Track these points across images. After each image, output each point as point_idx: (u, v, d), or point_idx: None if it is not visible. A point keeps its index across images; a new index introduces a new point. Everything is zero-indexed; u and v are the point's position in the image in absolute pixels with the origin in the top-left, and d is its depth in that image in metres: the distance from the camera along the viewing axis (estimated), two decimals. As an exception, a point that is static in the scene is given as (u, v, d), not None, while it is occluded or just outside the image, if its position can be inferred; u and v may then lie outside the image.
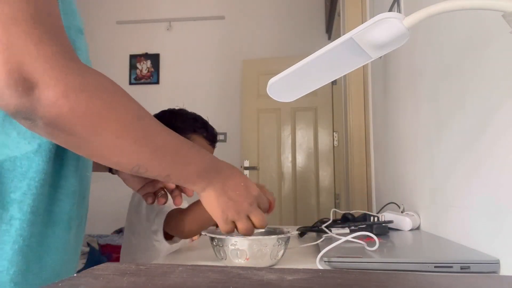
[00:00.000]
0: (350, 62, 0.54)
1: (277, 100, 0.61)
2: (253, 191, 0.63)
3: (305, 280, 0.36)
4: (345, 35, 0.50)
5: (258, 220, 0.63)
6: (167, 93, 3.78)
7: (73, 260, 0.60)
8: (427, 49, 0.98)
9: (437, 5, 0.46)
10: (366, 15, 2.03)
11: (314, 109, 3.49)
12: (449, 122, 0.82)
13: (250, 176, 3.44)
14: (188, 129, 1.20)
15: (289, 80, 0.57)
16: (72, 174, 0.56)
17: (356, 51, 0.52)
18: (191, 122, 1.22)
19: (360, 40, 0.50)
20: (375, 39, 0.50)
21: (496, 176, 0.61)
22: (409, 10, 1.17)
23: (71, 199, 0.56)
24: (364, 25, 0.48)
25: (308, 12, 3.72)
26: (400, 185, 1.28)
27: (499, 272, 0.57)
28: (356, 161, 2.12)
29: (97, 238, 3.05)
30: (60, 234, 0.55)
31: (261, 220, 0.63)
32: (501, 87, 0.60)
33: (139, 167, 0.50)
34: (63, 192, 0.55)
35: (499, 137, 0.60)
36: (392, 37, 0.49)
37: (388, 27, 0.48)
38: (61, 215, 0.55)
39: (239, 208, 0.61)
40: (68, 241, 0.57)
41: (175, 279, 0.36)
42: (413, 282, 0.37)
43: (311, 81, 0.58)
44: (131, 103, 0.48)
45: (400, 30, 0.48)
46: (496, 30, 0.61)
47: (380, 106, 1.71)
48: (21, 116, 0.41)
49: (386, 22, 0.47)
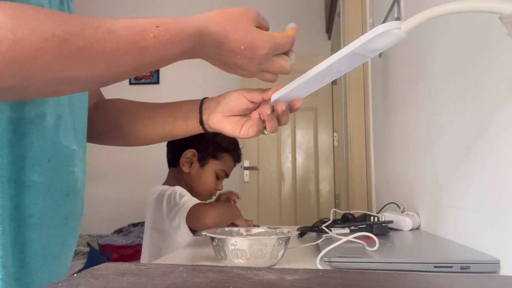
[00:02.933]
0: (348, 65, 0.56)
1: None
2: (260, 50, 0.53)
3: (305, 280, 0.36)
4: (344, 49, 0.52)
5: (278, 70, 0.56)
6: (167, 93, 3.78)
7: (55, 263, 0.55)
8: (427, 49, 0.98)
9: (434, 8, 0.46)
10: (366, 15, 2.03)
11: (314, 109, 3.50)
12: (449, 122, 0.82)
13: (250, 176, 3.44)
14: (223, 147, 1.31)
15: (289, 93, 0.60)
16: (40, 167, 0.51)
17: (354, 56, 0.53)
18: (228, 140, 1.32)
19: (359, 50, 0.51)
20: (373, 47, 0.51)
21: (496, 176, 0.61)
22: (409, 10, 1.17)
23: (46, 196, 0.52)
24: (363, 38, 0.49)
25: (308, 12, 3.72)
26: (400, 185, 1.28)
27: (499, 272, 0.57)
28: (356, 161, 2.12)
29: (97, 238, 3.05)
30: (36, 236, 0.51)
31: (280, 69, 0.56)
32: (501, 88, 0.60)
33: (107, 82, 0.46)
34: (29, 188, 0.50)
35: (500, 137, 0.60)
36: (391, 44, 0.50)
37: (387, 37, 0.48)
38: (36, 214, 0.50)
39: (248, 71, 0.55)
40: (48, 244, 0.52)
41: (175, 279, 0.36)
42: (413, 282, 0.37)
43: (309, 88, 0.61)
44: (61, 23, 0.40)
45: (398, 38, 0.48)
46: (496, 31, 0.61)
47: (380, 106, 1.71)
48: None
49: (386, 33, 0.48)
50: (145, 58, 0.46)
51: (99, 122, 0.70)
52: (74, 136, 0.58)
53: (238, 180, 3.42)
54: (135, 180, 3.62)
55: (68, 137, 0.56)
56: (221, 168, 1.31)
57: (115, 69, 0.45)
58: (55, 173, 0.53)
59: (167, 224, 1.16)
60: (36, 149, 0.51)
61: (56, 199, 0.54)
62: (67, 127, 0.56)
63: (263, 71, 0.57)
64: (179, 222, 1.12)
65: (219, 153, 1.31)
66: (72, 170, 0.57)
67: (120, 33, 0.43)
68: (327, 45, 3.64)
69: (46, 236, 0.53)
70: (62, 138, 0.55)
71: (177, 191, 1.19)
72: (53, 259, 0.54)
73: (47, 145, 0.52)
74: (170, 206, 1.16)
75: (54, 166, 0.53)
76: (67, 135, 0.56)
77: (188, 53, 0.51)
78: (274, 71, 0.57)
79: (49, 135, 0.53)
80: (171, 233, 1.15)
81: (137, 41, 0.44)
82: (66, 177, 0.56)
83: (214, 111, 0.66)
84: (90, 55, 0.42)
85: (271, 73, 0.58)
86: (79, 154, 0.59)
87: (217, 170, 1.30)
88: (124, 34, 0.43)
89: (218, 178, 1.32)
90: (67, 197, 0.56)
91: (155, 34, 0.46)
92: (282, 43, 0.55)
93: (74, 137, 0.58)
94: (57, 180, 0.54)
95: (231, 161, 1.33)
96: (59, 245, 0.55)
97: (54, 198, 0.53)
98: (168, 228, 1.16)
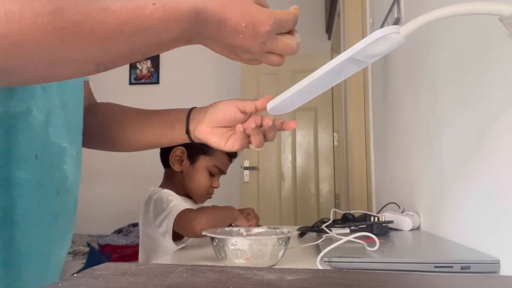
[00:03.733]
0: (346, 71, 0.55)
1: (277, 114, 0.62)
2: (262, 27, 0.49)
3: (305, 280, 0.36)
4: (343, 55, 0.51)
5: (284, 49, 0.52)
6: (167, 93, 3.78)
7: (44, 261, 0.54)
8: (427, 49, 0.98)
9: (433, 12, 0.46)
10: (366, 15, 2.03)
11: (314, 109, 3.49)
12: (449, 122, 0.82)
13: (250, 176, 3.44)
14: None
15: (287, 100, 0.59)
16: (26, 164, 0.50)
17: (352, 62, 0.52)
18: None
19: (358, 55, 0.51)
20: (372, 52, 0.51)
21: (496, 176, 0.61)
22: (409, 10, 1.17)
23: (33, 193, 0.51)
24: (362, 43, 0.49)
25: (308, 12, 3.72)
26: (400, 185, 1.28)
27: (499, 272, 0.57)
28: (356, 161, 2.12)
29: (97, 238, 3.05)
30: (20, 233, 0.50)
31: (286, 47, 0.52)
32: (503, 88, 0.59)
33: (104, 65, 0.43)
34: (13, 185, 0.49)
35: (500, 138, 0.60)
36: (389, 49, 0.50)
37: (386, 42, 0.48)
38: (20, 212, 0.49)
39: (252, 52, 0.51)
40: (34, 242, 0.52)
41: (175, 279, 0.36)
42: (413, 282, 0.37)
43: (306, 96, 0.60)
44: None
45: (397, 42, 0.48)
46: (496, 31, 0.61)
47: (380, 106, 1.71)
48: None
49: (384, 38, 0.48)
50: (142, 38, 0.44)
51: (89, 126, 0.69)
52: (66, 133, 0.57)
53: (238, 180, 3.42)
54: (135, 180, 3.62)
55: (58, 134, 0.55)
56: (213, 164, 1.25)
57: (111, 49, 0.42)
58: (44, 170, 0.52)
59: (154, 230, 1.13)
60: (22, 145, 0.50)
61: (45, 197, 0.53)
62: (57, 124, 0.55)
63: (268, 53, 0.54)
64: (166, 229, 1.08)
65: (209, 149, 1.24)
66: (62, 167, 0.56)
67: (115, 9, 0.41)
68: (327, 45, 3.64)
69: (33, 235, 0.52)
70: (52, 135, 0.54)
71: (164, 196, 1.14)
72: (41, 257, 0.53)
73: (34, 142, 0.51)
74: (156, 212, 1.12)
75: (43, 163, 0.52)
76: (58, 132, 0.55)
77: (188, 34, 0.48)
78: (280, 51, 0.53)
79: (37, 132, 0.52)
80: (159, 238, 1.12)
81: (133, 18, 0.42)
82: (56, 174, 0.54)
83: (201, 121, 0.65)
84: (84, 32, 0.39)
85: (277, 55, 0.54)
86: (71, 152, 0.58)
87: (208, 166, 1.25)
88: (119, 11, 0.41)
89: (213, 175, 1.27)
90: (57, 195, 0.55)
91: (152, 10, 0.43)
92: (284, 19, 0.51)
93: (66, 135, 0.57)
94: (46, 178, 0.53)
95: (224, 156, 1.27)
96: (47, 244, 0.54)
97: (43, 196, 0.52)
98: (155, 233, 1.12)
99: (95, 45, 0.41)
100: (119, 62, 0.45)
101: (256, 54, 0.52)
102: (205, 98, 4.12)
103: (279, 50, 0.53)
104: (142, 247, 1.21)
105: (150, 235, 1.15)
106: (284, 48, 0.53)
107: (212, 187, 1.27)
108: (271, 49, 0.53)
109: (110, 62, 0.44)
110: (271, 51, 0.53)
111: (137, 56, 0.46)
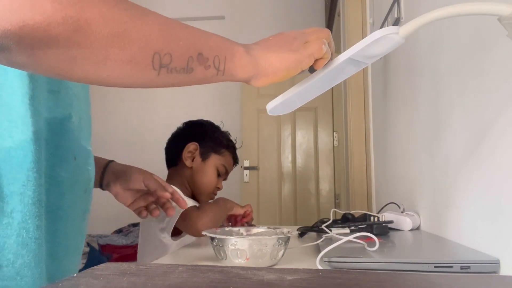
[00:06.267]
0: (345, 72, 0.55)
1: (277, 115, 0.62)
2: (291, 34, 0.52)
3: (305, 280, 0.36)
4: (342, 55, 0.51)
5: (315, 38, 0.51)
6: (167, 93, 3.78)
7: (75, 253, 0.60)
8: (427, 50, 0.98)
9: (432, 12, 0.46)
10: (366, 15, 2.03)
11: (314, 109, 3.50)
12: (449, 122, 0.82)
13: (250, 176, 3.44)
14: (224, 144, 1.32)
15: (287, 101, 0.59)
16: (67, 165, 0.56)
17: (352, 62, 0.52)
18: (227, 138, 1.34)
19: (357, 56, 0.51)
20: (371, 53, 0.51)
21: (496, 176, 0.61)
22: (409, 10, 1.17)
23: (71, 191, 0.56)
24: (361, 44, 0.49)
25: (308, 12, 3.72)
26: (400, 185, 1.28)
27: (499, 272, 0.57)
28: (356, 161, 2.12)
29: (97, 238, 3.05)
30: (62, 227, 0.55)
31: (317, 36, 0.51)
32: (502, 88, 0.60)
33: (160, 55, 0.39)
34: (59, 183, 0.55)
35: (500, 138, 0.60)
36: (389, 49, 0.50)
37: (385, 42, 0.48)
38: (63, 207, 0.55)
39: (293, 44, 0.51)
40: (71, 235, 0.58)
41: (175, 279, 0.36)
42: (413, 282, 0.37)
43: (306, 97, 0.60)
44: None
45: (396, 42, 0.48)
46: (496, 31, 0.61)
47: (380, 106, 1.71)
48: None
49: (384, 38, 0.48)
50: (196, 36, 0.43)
51: None
52: (88, 137, 0.64)
53: (238, 180, 3.42)
54: (135, 180, 3.61)
55: (85, 138, 0.62)
56: (222, 163, 1.30)
57: (169, 38, 0.40)
58: (78, 171, 0.59)
59: (154, 224, 1.15)
60: (64, 147, 0.56)
61: (77, 195, 0.59)
62: (85, 130, 0.62)
63: (307, 43, 0.51)
64: (166, 225, 1.11)
65: (219, 148, 1.31)
66: (88, 169, 0.62)
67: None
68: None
69: (71, 228, 0.58)
70: (82, 139, 0.61)
71: None
72: (75, 249, 0.60)
73: (72, 145, 0.57)
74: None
75: (78, 164, 0.59)
76: (85, 136, 0.62)
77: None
78: (314, 40, 0.51)
79: (74, 135, 0.58)
80: (157, 233, 1.14)
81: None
82: (85, 175, 0.61)
83: (113, 183, 0.83)
84: (145, 11, 0.38)
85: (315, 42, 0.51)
86: (92, 155, 0.65)
87: (218, 165, 1.29)
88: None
89: (219, 175, 1.31)
90: (84, 194, 0.61)
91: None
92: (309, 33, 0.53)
93: (88, 139, 0.64)
94: (79, 178, 0.59)
95: (230, 159, 1.33)
96: (78, 237, 0.61)
97: (76, 194, 0.58)
98: (154, 228, 1.15)
99: (154, 30, 0.39)
100: (174, 54, 0.41)
101: (298, 47, 0.51)
102: (205, 98, 4.12)
103: (312, 39, 0.51)
104: (141, 241, 1.23)
105: (150, 230, 1.17)
106: (316, 38, 0.51)
107: (217, 187, 1.32)
108: (308, 40, 0.51)
109: (166, 53, 0.40)
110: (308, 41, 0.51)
111: (191, 54, 0.43)
